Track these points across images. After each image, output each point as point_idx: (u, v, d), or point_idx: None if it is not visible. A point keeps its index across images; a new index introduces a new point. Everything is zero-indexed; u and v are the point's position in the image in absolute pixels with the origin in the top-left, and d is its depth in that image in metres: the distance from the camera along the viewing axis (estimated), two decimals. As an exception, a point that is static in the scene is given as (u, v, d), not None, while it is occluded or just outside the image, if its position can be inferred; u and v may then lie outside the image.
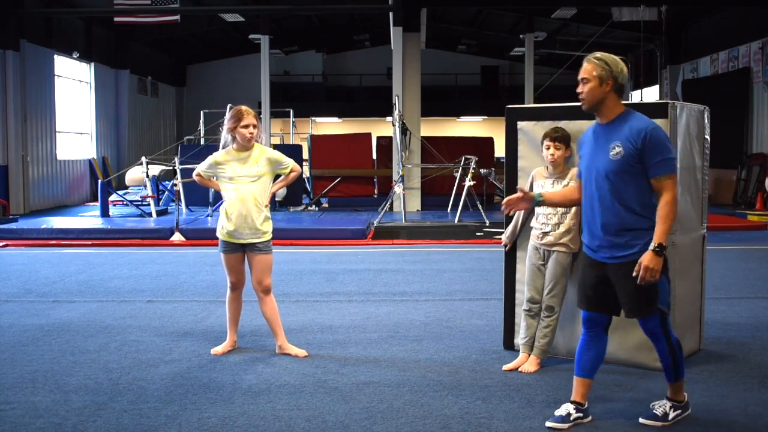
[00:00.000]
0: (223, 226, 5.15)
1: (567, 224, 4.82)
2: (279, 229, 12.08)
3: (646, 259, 3.59)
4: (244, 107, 5.14)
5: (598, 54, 3.80)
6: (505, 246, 5.30)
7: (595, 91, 3.73)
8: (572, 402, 3.92)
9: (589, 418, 3.93)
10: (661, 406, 3.95)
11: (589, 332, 3.91)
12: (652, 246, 3.60)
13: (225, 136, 5.20)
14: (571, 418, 3.87)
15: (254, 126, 5.09)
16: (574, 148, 4.96)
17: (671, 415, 3.91)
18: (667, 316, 3.81)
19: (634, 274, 3.62)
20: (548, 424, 3.88)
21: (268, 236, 5.20)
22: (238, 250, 5.18)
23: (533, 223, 4.99)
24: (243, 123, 5.06)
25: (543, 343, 4.88)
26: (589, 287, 3.87)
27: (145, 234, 11.98)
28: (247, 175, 5.11)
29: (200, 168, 5.30)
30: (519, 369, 4.85)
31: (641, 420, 3.94)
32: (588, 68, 3.74)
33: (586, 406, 3.93)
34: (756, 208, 15.73)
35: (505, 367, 4.91)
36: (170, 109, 28.73)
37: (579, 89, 3.77)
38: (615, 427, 3.89)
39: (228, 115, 5.15)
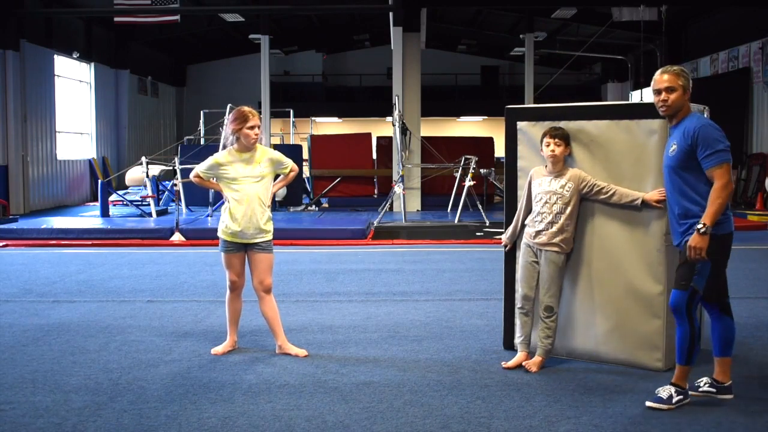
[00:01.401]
0: (227, 226, 5.13)
1: (560, 224, 4.83)
2: (279, 229, 12.04)
3: (692, 238, 4.03)
4: (247, 108, 5.13)
5: (676, 68, 4.24)
6: (506, 246, 5.31)
7: (680, 98, 4.18)
8: (709, 377, 4.37)
9: (730, 395, 4.30)
10: (665, 391, 4.18)
11: (709, 312, 4.27)
12: (698, 226, 4.00)
13: (228, 136, 5.17)
14: (699, 390, 4.34)
15: (258, 127, 5.10)
16: (572, 147, 4.97)
17: (675, 398, 4.14)
18: (697, 297, 4.12)
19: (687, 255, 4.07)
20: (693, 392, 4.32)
21: (270, 235, 5.23)
22: (241, 250, 5.18)
23: (527, 221, 5.01)
24: (249, 124, 5.05)
25: (546, 344, 4.88)
26: (676, 269, 4.27)
27: (145, 234, 11.98)
28: (251, 175, 5.11)
29: (200, 169, 5.27)
30: (523, 363, 4.85)
31: (647, 403, 4.14)
32: (672, 78, 4.18)
33: (725, 384, 4.31)
34: (756, 208, 15.72)
35: (505, 364, 4.92)
36: (170, 109, 28.73)
37: (663, 97, 4.19)
38: (615, 426, 3.89)
39: (231, 116, 5.12)
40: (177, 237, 11.68)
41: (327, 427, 3.91)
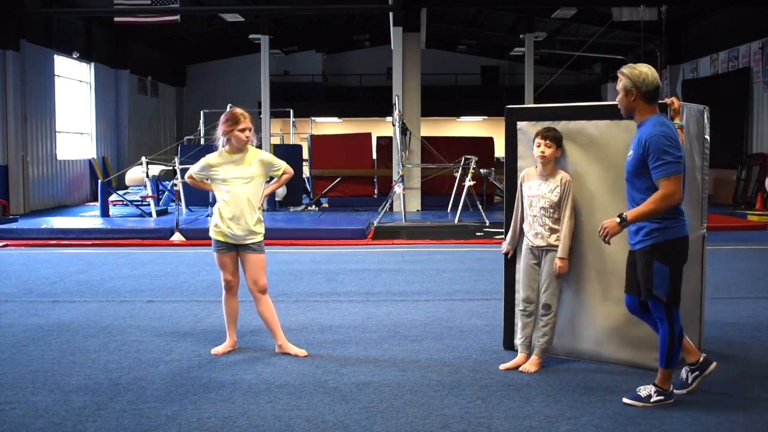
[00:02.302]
0: (217, 226, 5.18)
1: (554, 227, 4.83)
2: (279, 229, 12.19)
3: (609, 220, 4.12)
4: (239, 110, 5.16)
5: (625, 67, 4.20)
6: (507, 254, 5.26)
7: (623, 101, 4.18)
8: (687, 364, 4.43)
9: (713, 364, 4.37)
10: (645, 389, 4.23)
11: (639, 317, 4.37)
12: (620, 214, 4.08)
13: (220, 138, 5.19)
14: (689, 380, 4.39)
15: (250, 129, 5.12)
16: (572, 148, 4.97)
17: (654, 398, 4.18)
18: (672, 306, 4.11)
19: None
20: (676, 391, 4.31)
21: (261, 237, 5.24)
22: (232, 250, 5.21)
23: (524, 225, 4.99)
24: (240, 126, 5.08)
25: (542, 342, 4.88)
26: (627, 272, 4.34)
27: (145, 234, 11.98)
28: (240, 176, 5.13)
29: (193, 170, 5.33)
30: (520, 369, 4.84)
31: (624, 399, 4.20)
32: (618, 80, 4.19)
33: (698, 360, 4.37)
34: (756, 208, 15.73)
35: (503, 366, 4.91)
36: (170, 109, 28.72)
37: (617, 100, 4.26)
38: (615, 426, 3.89)
39: (223, 118, 5.16)
40: (177, 237, 11.68)
41: (327, 427, 3.91)
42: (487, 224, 13.64)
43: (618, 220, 4.05)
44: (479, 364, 5.01)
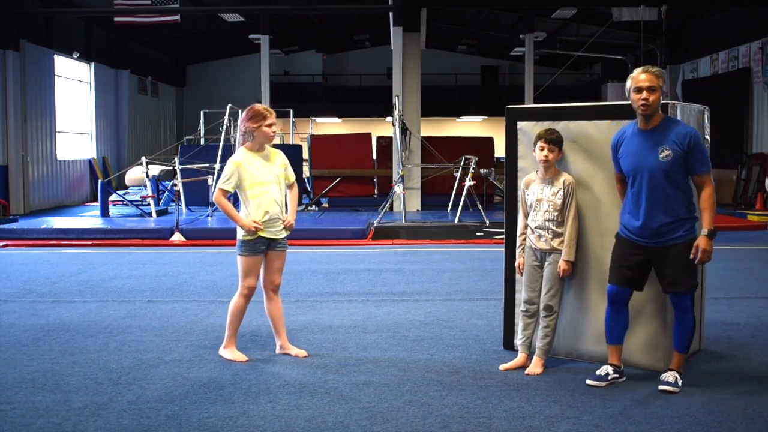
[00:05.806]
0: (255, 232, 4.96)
1: (557, 231, 4.80)
2: (279, 229, 12.16)
3: (703, 242, 4.24)
4: (262, 106, 5.04)
5: (654, 67, 4.36)
6: (520, 266, 5.03)
7: (658, 100, 4.32)
8: (610, 364, 4.59)
9: (624, 378, 4.58)
10: (671, 375, 4.44)
11: (614, 306, 4.56)
12: (704, 232, 4.24)
13: (242, 135, 5.02)
14: (609, 377, 4.54)
15: (275, 125, 5.06)
16: (573, 148, 4.96)
17: (680, 381, 4.42)
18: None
19: (691, 256, 4.27)
20: (588, 382, 4.53)
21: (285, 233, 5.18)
22: (265, 248, 5.06)
23: (529, 220, 4.96)
24: (268, 122, 4.96)
25: (544, 344, 4.87)
26: (628, 267, 4.46)
27: (145, 234, 11.98)
28: (270, 174, 5.01)
29: (223, 183, 4.96)
30: (525, 372, 4.80)
31: (660, 387, 4.38)
32: (653, 78, 4.29)
33: (622, 368, 4.59)
34: (756, 208, 15.72)
35: (503, 366, 4.91)
36: (170, 109, 28.72)
37: (645, 96, 4.27)
38: (615, 426, 3.89)
39: (247, 114, 4.98)
40: (177, 237, 11.67)
41: (327, 427, 3.90)
42: (487, 224, 13.64)
43: (708, 235, 4.24)
44: (479, 364, 5.00)
